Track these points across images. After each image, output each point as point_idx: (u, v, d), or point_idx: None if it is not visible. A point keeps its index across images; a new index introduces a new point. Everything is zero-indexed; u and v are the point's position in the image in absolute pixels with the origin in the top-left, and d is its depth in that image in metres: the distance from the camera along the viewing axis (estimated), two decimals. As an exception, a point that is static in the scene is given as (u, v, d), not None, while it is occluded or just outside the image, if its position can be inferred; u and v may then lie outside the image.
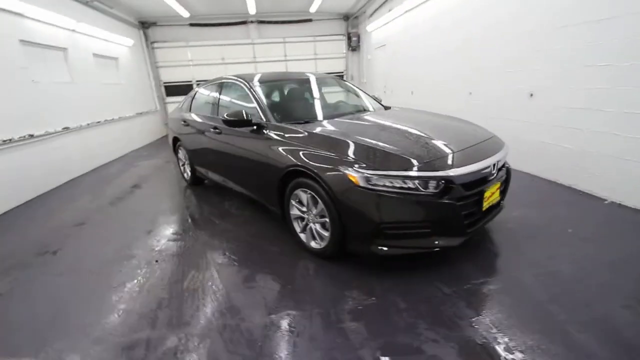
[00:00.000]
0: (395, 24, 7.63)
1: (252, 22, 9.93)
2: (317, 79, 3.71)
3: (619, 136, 3.06)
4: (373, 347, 1.66)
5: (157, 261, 2.66)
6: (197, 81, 10.09)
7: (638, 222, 2.79)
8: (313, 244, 2.55)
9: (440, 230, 2.09)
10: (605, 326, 1.71)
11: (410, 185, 2.01)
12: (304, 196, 2.48)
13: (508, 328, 1.74)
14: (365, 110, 3.42)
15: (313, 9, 9.15)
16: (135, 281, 2.39)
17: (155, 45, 9.64)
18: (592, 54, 3.19)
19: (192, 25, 9.68)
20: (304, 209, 2.54)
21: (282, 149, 2.58)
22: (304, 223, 2.60)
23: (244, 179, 3.28)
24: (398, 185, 2.01)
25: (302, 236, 2.64)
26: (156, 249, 2.87)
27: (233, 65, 10.18)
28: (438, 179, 2.01)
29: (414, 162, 2.05)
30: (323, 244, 2.45)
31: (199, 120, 3.91)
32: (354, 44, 10.44)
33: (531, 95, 4.02)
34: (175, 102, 10.14)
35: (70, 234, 3.28)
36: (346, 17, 10.47)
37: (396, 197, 2.01)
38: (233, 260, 2.60)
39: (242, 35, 10.05)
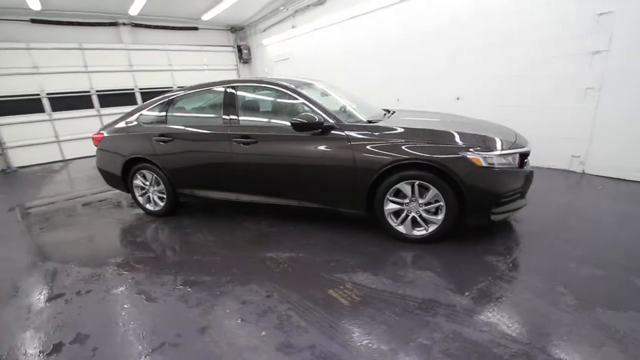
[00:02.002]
0: (304, 40, 8.11)
1: (124, 24, 8.32)
2: (326, 85, 3.74)
3: (536, 122, 4.54)
4: (561, 284, 2.07)
5: (268, 295, 2.18)
6: (49, 93, 7.61)
7: (565, 177, 4.25)
8: (416, 232, 2.70)
9: (523, 193, 2.71)
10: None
11: (504, 161, 2.53)
12: (408, 188, 2.60)
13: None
14: (390, 111, 3.69)
15: (207, 17, 8.55)
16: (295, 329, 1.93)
17: (-29, 44, 6.70)
18: (506, 68, 4.63)
19: (34, 21, 7.25)
20: (406, 200, 2.66)
21: (377, 147, 2.61)
22: (403, 215, 2.71)
23: (297, 189, 3.00)
24: (502, 162, 2.49)
25: (401, 228, 2.73)
26: (249, 300, 2.31)
27: (101, 74, 8.22)
28: (526, 154, 2.61)
29: (511, 142, 2.59)
30: (431, 229, 2.64)
31: (201, 131, 3.24)
32: (245, 56, 10.31)
33: (457, 98, 5.34)
34: (13, 123, 7.31)
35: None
36: (233, 29, 10.23)
37: (506, 171, 2.49)
38: (353, 269, 2.42)
39: (113, 39, 8.28)
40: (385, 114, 3.46)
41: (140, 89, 8.82)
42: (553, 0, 4.04)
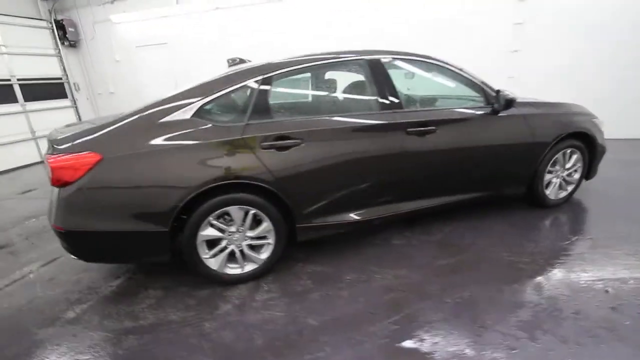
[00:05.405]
0: (197, 21, 6.39)
1: None
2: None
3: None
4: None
5: (607, 290, 1.88)
6: None
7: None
8: (560, 195, 2.99)
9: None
10: None
11: None
12: (561, 156, 2.83)
13: None
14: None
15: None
16: None
17: None
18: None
19: None
20: (556, 168, 2.87)
21: (545, 121, 2.69)
22: (553, 183, 2.91)
23: (472, 180, 2.62)
24: None
25: (551, 195, 2.92)
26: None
27: None
28: None
29: None
30: (570, 188, 3.00)
31: (359, 122, 2.17)
32: (71, 36, 6.96)
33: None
34: None
35: None
36: (44, -6, 6.63)
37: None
38: (596, 242, 2.43)
39: None
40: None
41: None
42: (483, 10, 5.26)
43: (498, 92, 2.45)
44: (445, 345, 1.61)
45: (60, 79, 6.99)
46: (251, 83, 2.06)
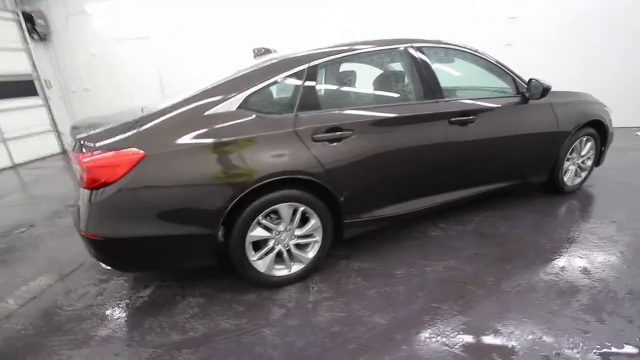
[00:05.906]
0: (189, 10, 6.04)
1: None
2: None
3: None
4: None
5: None
6: None
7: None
8: (576, 182, 3.10)
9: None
10: None
11: None
12: (578, 144, 2.94)
13: None
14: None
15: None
16: None
17: None
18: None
19: None
20: (574, 154, 2.97)
21: (565, 108, 2.76)
22: (570, 171, 3.01)
23: (505, 169, 2.66)
24: None
25: (568, 181, 3.02)
26: None
27: None
28: None
29: None
30: (583, 175, 3.12)
31: (405, 114, 2.11)
32: (41, 29, 6.38)
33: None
34: None
35: None
36: (8, -19, 5.99)
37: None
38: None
39: None
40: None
41: None
42: (476, 4, 5.38)
43: (531, 80, 2.48)
44: (522, 334, 1.59)
45: (30, 75, 6.37)
46: (297, 72, 1.93)
